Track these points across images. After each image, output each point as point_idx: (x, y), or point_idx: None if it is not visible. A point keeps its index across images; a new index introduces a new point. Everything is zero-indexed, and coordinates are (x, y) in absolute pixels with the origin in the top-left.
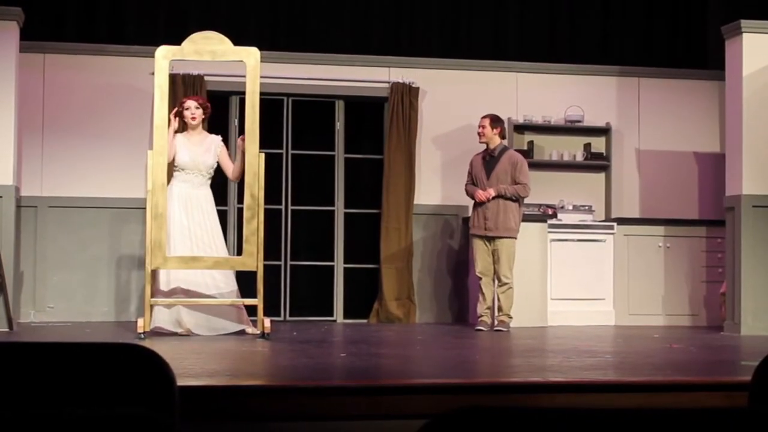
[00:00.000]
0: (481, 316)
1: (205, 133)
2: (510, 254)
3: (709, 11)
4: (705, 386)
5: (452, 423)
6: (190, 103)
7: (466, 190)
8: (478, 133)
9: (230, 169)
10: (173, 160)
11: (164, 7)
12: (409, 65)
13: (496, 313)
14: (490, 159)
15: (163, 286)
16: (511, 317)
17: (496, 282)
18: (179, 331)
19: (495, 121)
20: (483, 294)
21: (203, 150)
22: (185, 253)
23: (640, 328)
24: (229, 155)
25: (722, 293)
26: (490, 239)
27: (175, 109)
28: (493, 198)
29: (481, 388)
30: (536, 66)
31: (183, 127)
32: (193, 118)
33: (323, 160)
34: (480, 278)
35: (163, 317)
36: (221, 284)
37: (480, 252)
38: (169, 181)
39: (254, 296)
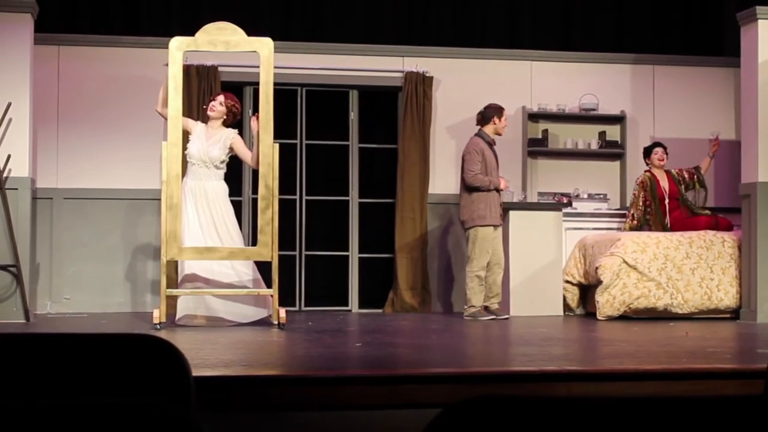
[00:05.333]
0: (490, 305)
1: (222, 128)
2: None
3: None
4: (721, 374)
5: (466, 412)
6: (218, 97)
7: (482, 180)
8: (505, 126)
9: (248, 157)
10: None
11: None
12: (423, 54)
13: (490, 300)
14: (493, 148)
15: (184, 275)
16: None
17: (494, 268)
18: (198, 315)
19: None
20: (482, 283)
21: (211, 143)
22: (197, 245)
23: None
24: (246, 144)
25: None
26: (498, 228)
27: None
28: None
29: (496, 377)
30: (550, 54)
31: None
32: (211, 110)
33: (337, 150)
34: (483, 269)
35: (187, 305)
36: (242, 274)
37: (491, 242)
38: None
39: (269, 286)
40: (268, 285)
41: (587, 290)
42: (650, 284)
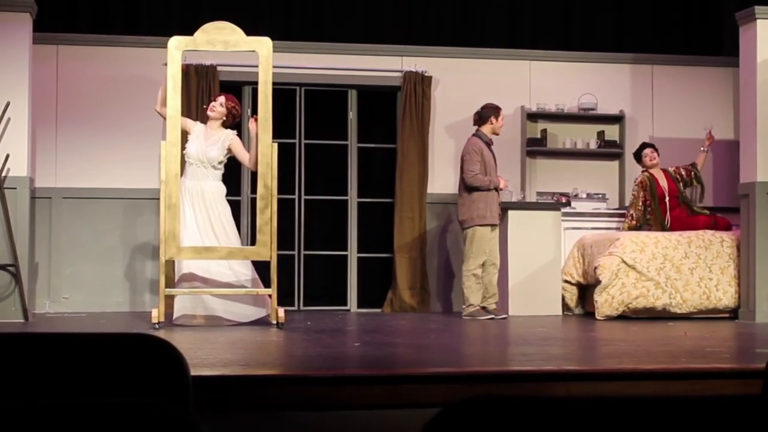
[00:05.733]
0: (488, 306)
1: (221, 129)
2: None
3: None
4: (719, 374)
5: (464, 412)
6: (219, 98)
7: (482, 180)
8: (502, 126)
9: (246, 158)
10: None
11: None
12: (422, 54)
13: (487, 300)
14: (490, 147)
15: (181, 274)
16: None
17: (490, 268)
18: (196, 315)
19: None
20: (479, 282)
21: (210, 143)
22: (195, 245)
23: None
24: (245, 146)
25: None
26: (495, 228)
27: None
28: None
29: (495, 377)
30: (549, 54)
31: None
32: (212, 110)
33: (336, 150)
34: (480, 267)
35: (184, 305)
36: (240, 274)
37: (489, 241)
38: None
39: (268, 286)
40: (267, 285)
41: (586, 290)
42: (649, 284)
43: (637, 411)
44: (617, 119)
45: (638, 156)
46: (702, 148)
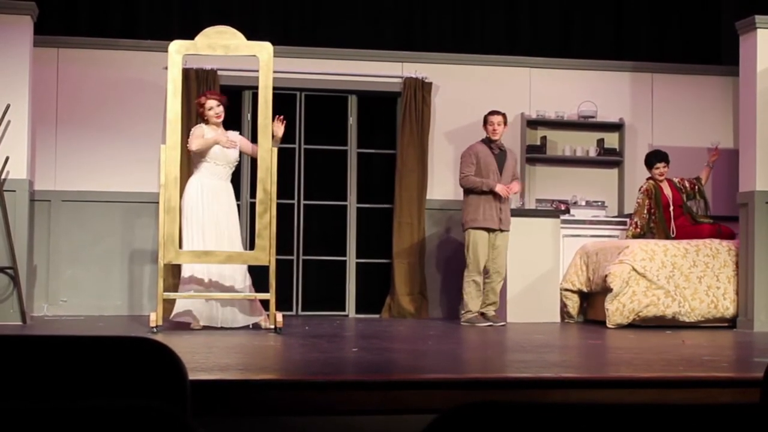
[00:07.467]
0: (486, 312)
1: (223, 128)
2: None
3: (723, 6)
4: (717, 383)
5: (462, 418)
6: (212, 103)
7: (473, 181)
8: (494, 130)
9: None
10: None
11: (177, 1)
12: (422, 60)
13: (486, 307)
14: (499, 152)
15: (195, 276)
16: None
17: (493, 276)
18: (197, 323)
19: (505, 117)
20: (480, 289)
21: (230, 144)
22: (210, 245)
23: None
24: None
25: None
26: (496, 232)
27: (204, 105)
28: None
29: (493, 383)
30: (549, 61)
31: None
32: (218, 117)
33: (336, 155)
34: (479, 273)
35: (210, 314)
36: (241, 279)
37: (485, 246)
38: (190, 174)
39: (266, 291)
40: (264, 289)
41: (587, 298)
42: (659, 292)
43: (636, 418)
44: (617, 127)
45: (650, 163)
46: (707, 164)
